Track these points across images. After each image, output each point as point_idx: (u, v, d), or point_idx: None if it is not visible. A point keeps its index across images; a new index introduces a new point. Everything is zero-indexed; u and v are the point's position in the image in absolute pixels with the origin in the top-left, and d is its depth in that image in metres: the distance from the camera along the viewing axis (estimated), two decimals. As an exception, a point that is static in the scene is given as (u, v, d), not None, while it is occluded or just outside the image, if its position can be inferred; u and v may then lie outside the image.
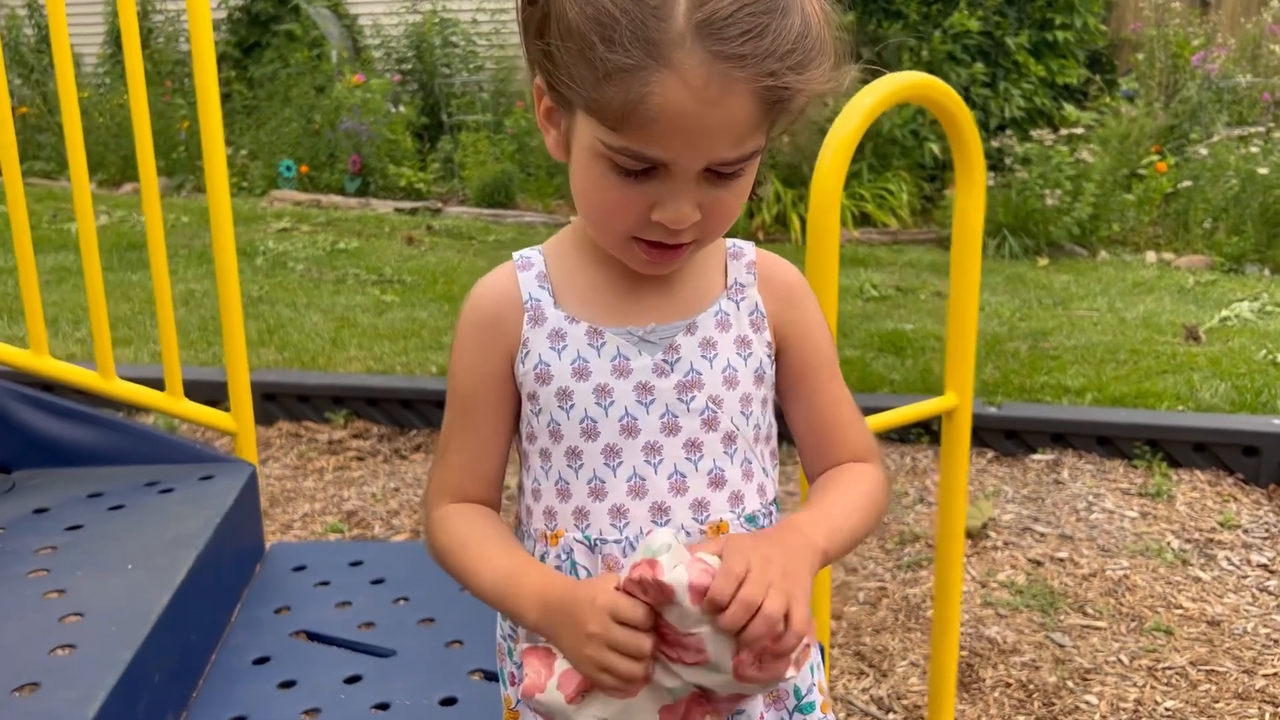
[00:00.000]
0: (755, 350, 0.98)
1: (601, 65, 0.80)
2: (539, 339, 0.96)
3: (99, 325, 1.75)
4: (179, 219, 6.78)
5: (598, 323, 0.96)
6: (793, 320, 1.01)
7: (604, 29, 0.79)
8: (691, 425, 0.95)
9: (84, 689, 1.16)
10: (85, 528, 1.59)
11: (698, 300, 0.98)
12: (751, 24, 0.79)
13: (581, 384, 0.95)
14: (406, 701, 1.41)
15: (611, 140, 0.83)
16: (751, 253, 1.02)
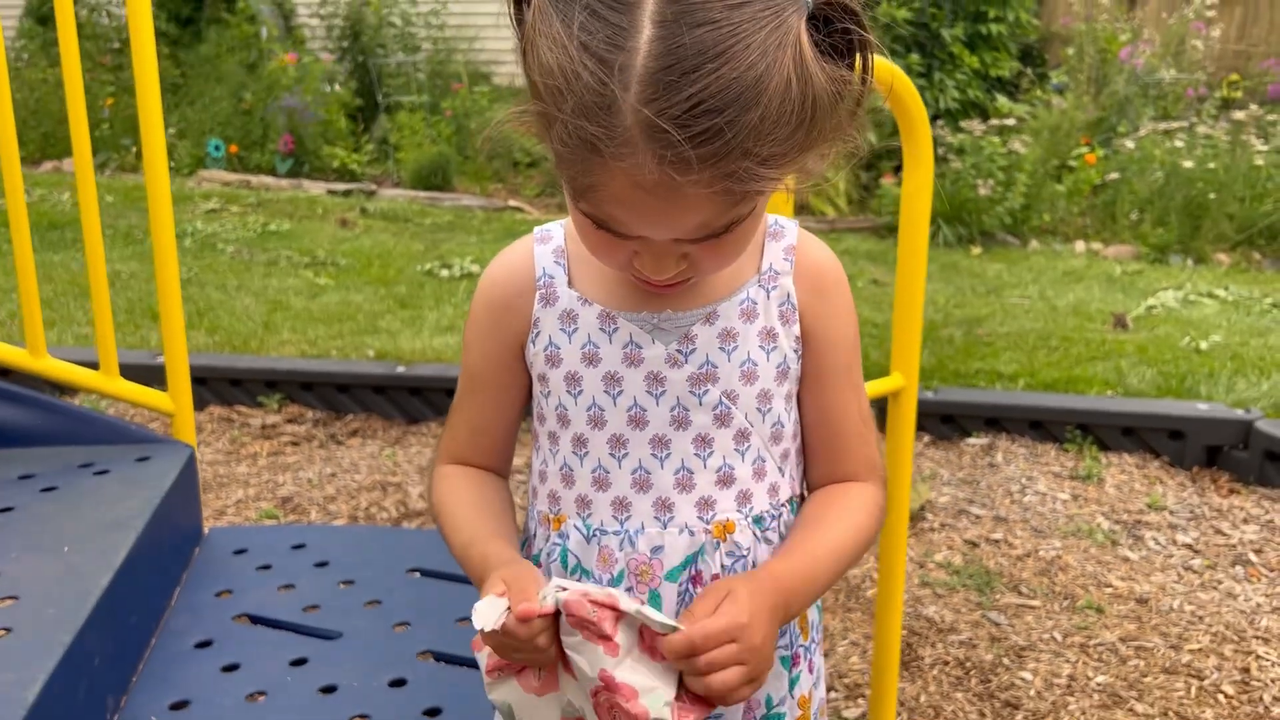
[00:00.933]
0: (781, 344, 0.92)
1: (555, 140, 0.74)
2: (550, 320, 0.92)
3: (29, 299, 1.69)
4: (103, 198, 6.59)
5: (611, 307, 0.90)
6: (820, 315, 0.94)
7: (556, 102, 0.71)
8: (702, 420, 0.91)
9: (22, 672, 1.13)
10: (16, 510, 1.53)
11: (724, 285, 0.91)
12: (706, 125, 0.68)
13: (591, 370, 0.91)
14: (354, 683, 1.39)
15: (580, 205, 0.78)
16: (793, 234, 0.95)
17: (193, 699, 1.37)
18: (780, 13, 0.70)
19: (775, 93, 0.70)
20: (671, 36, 0.68)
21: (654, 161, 0.70)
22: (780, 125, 0.71)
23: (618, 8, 0.69)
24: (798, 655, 0.98)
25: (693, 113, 0.68)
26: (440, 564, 1.69)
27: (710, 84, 0.68)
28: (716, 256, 0.82)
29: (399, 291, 4.83)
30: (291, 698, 1.37)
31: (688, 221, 0.76)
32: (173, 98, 8.21)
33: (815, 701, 1.01)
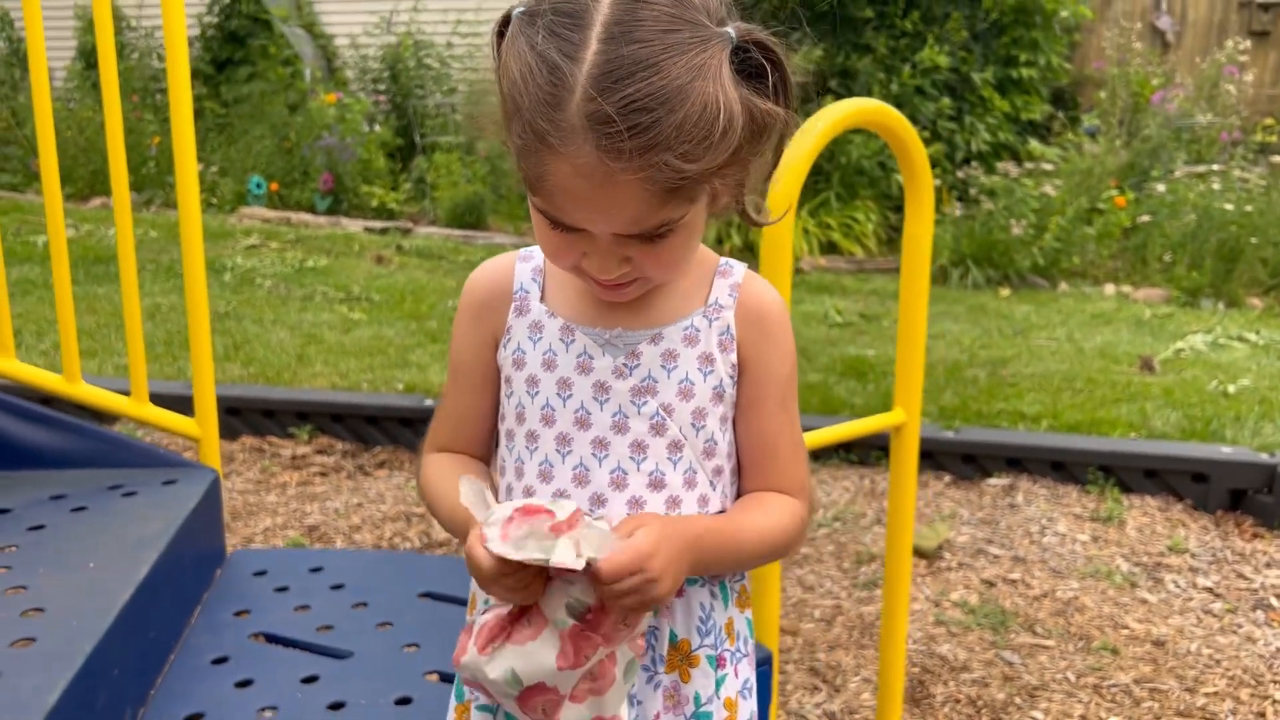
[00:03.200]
0: (718, 369, 1.02)
1: (514, 138, 0.88)
2: (521, 328, 1.04)
3: (66, 327, 1.77)
4: (147, 234, 6.76)
5: (572, 321, 1.02)
6: (758, 346, 1.03)
7: (516, 105, 0.86)
8: (640, 428, 1.00)
9: (43, 679, 1.18)
10: (48, 528, 1.60)
11: (670, 313, 1.02)
12: (636, 121, 0.82)
13: (548, 374, 1.02)
14: (362, 701, 1.44)
15: (533, 199, 0.91)
16: (739, 274, 1.05)
17: (206, 712, 1.42)
18: (706, 41, 0.86)
19: (696, 102, 0.83)
20: (612, 50, 0.83)
21: (592, 150, 0.83)
22: (699, 129, 0.84)
23: (571, 28, 0.84)
24: (723, 657, 1.05)
25: (624, 110, 0.82)
26: (450, 588, 1.73)
27: (641, 88, 0.82)
28: (655, 261, 0.93)
29: (430, 326, 4.92)
30: (301, 713, 1.41)
31: (621, 213, 0.87)
32: (217, 137, 8.43)
33: (744, 712, 1.06)
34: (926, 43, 7.13)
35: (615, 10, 0.84)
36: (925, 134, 6.96)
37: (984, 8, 7.31)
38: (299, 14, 9.32)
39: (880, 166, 6.93)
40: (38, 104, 1.70)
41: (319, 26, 9.44)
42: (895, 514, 1.75)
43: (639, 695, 1.01)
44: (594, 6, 0.85)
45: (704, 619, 1.03)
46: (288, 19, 9.07)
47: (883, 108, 1.56)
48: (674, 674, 1.02)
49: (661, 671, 1.01)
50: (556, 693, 0.91)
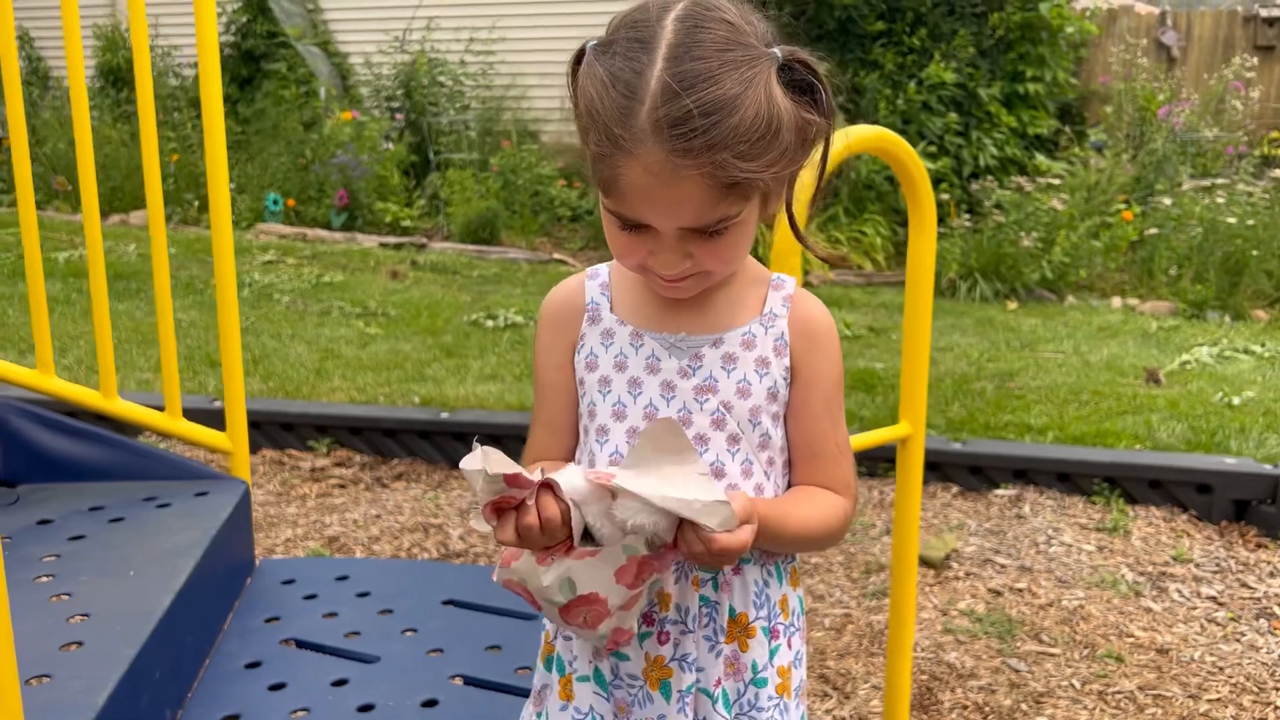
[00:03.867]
0: (773, 371, 1.12)
1: (594, 149, 1.00)
2: (594, 335, 1.15)
3: (103, 347, 1.85)
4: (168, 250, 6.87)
5: (640, 327, 1.13)
6: (809, 354, 1.14)
7: (593, 119, 0.99)
8: (702, 422, 1.10)
9: (93, 680, 1.25)
10: (88, 538, 1.68)
11: (730, 320, 1.13)
12: (699, 124, 0.94)
13: (619, 375, 1.13)
14: (390, 703, 1.50)
15: (606, 202, 1.03)
16: (791, 288, 1.17)
17: (242, 713, 1.48)
18: (756, 60, 0.98)
19: (750, 108, 0.96)
20: (675, 67, 0.96)
21: (661, 151, 0.95)
22: (753, 131, 0.96)
23: (640, 51, 0.97)
24: (777, 630, 1.15)
25: (688, 116, 0.94)
26: (473, 595, 1.80)
27: (702, 96, 0.95)
28: (714, 257, 1.04)
29: (446, 341, 4.99)
30: (332, 715, 1.48)
31: (686, 208, 0.99)
32: (233, 155, 8.54)
33: (795, 679, 1.16)
34: (932, 58, 7.21)
35: (677, 35, 0.97)
36: (933, 149, 7.03)
37: (991, 24, 7.39)
38: (314, 33, 9.44)
39: (888, 181, 7.00)
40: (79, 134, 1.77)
41: (334, 45, 9.56)
42: (901, 524, 1.81)
43: (701, 662, 1.10)
44: (659, 33, 0.97)
45: (759, 594, 1.13)
46: (303, 38, 9.19)
47: (886, 134, 1.63)
48: (733, 644, 1.12)
49: (722, 642, 1.11)
50: (605, 605, 1.01)
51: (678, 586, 1.10)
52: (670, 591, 1.10)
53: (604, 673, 1.11)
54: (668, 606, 1.10)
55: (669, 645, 1.10)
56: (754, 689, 1.12)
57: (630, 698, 1.11)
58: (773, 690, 1.13)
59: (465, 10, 9.08)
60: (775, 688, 1.13)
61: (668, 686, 1.09)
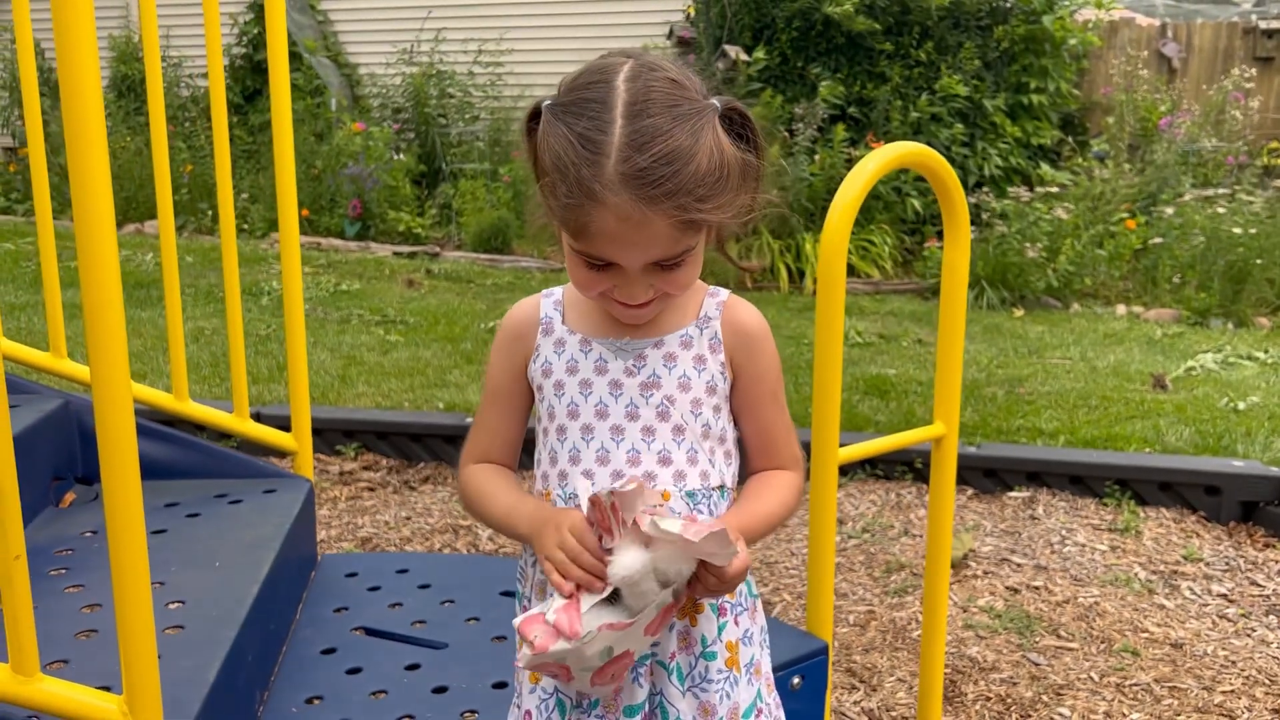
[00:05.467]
0: (709, 367, 1.26)
1: (560, 199, 1.11)
2: (547, 345, 1.28)
3: (176, 353, 1.95)
4: (182, 259, 6.96)
5: (589, 335, 1.27)
6: (745, 354, 1.28)
7: (562, 173, 1.10)
8: (648, 415, 1.24)
9: (200, 659, 1.35)
10: (169, 532, 1.77)
11: (669, 325, 1.26)
12: (662, 173, 1.07)
13: (571, 378, 1.26)
14: (463, 685, 1.60)
15: (574, 245, 1.15)
16: (724, 295, 1.32)
17: (324, 695, 1.58)
18: (701, 112, 1.12)
19: (701, 157, 1.10)
20: (633, 124, 1.09)
21: (631, 199, 1.07)
22: (708, 176, 1.10)
23: (598, 111, 1.09)
24: (724, 607, 1.26)
25: (653, 166, 1.07)
26: (530, 588, 1.89)
27: (661, 149, 1.08)
28: (674, 284, 1.18)
29: (464, 348, 5.09)
30: (409, 695, 1.57)
31: (653, 248, 1.12)
32: (245, 165, 8.65)
33: (745, 655, 1.28)
34: (940, 72, 7.33)
35: (630, 94, 1.10)
36: (939, 159, 7.13)
37: (995, 37, 7.51)
38: (325, 45, 9.55)
39: (894, 191, 7.11)
40: (156, 155, 1.87)
41: (344, 57, 9.67)
42: (935, 519, 1.90)
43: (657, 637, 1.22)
44: (613, 94, 1.10)
45: None
46: (314, 50, 9.30)
47: (925, 150, 1.73)
48: (684, 620, 1.24)
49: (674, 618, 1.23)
50: (632, 658, 1.13)
51: None
52: None
53: None
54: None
55: None
56: (704, 662, 1.24)
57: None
58: (722, 664, 1.24)
59: (473, 22, 9.20)
60: (724, 661, 1.25)
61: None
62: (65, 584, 1.61)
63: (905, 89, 7.39)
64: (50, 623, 1.48)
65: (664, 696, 1.21)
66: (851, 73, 7.47)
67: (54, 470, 1.91)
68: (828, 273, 1.65)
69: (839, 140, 7.00)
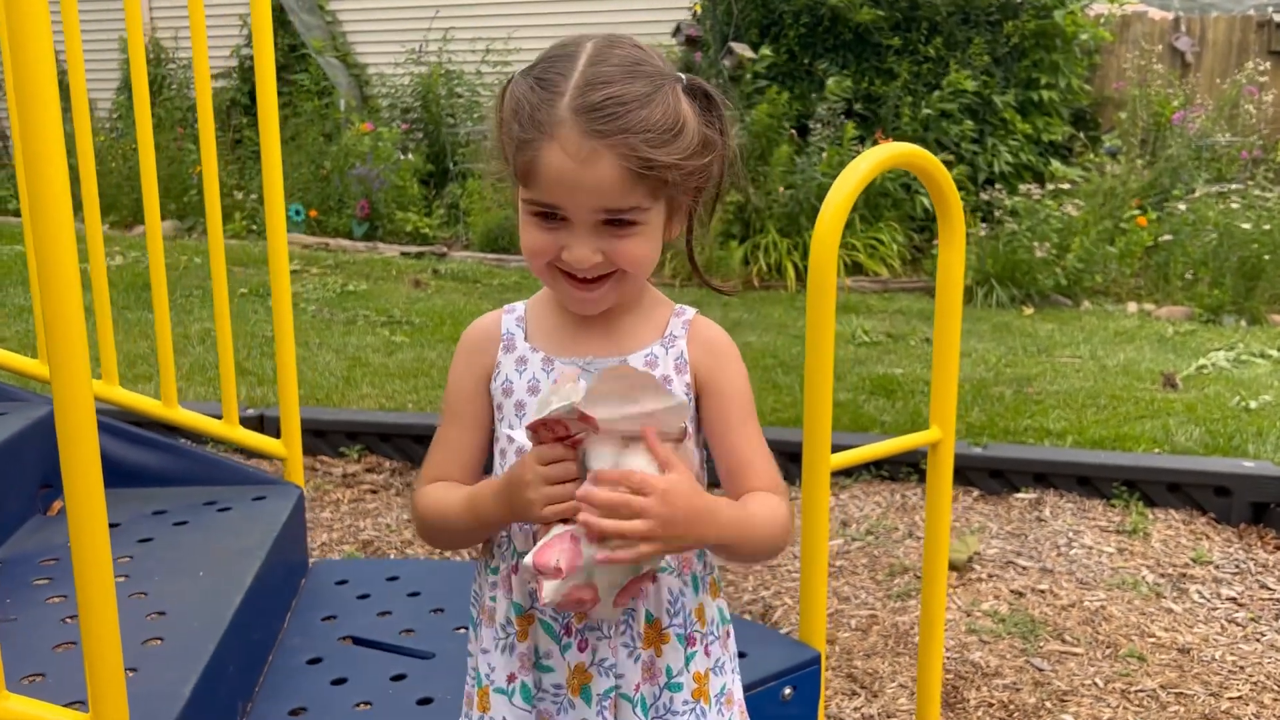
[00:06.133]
0: (675, 387, 1.20)
1: (515, 139, 1.10)
2: (508, 362, 1.23)
3: (164, 359, 1.93)
4: (192, 260, 6.98)
5: (551, 353, 1.22)
6: (712, 373, 1.22)
7: (517, 114, 1.10)
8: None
9: (177, 673, 1.33)
10: (155, 540, 1.76)
11: (633, 343, 1.22)
12: (614, 109, 1.06)
13: (532, 398, 1.20)
14: (448, 696, 1.57)
15: (525, 194, 1.12)
16: (691, 315, 1.26)
17: (309, 706, 1.56)
18: (664, 75, 1.12)
19: (657, 106, 1.09)
20: (593, 69, 1.09)
21: (580, 133, 1.06)
22: (662, 122, 1.09)
23: (561, 62, 1.10)
24: (693, 637, 1.20)
25: (604, 104, 1.06)
26: (520, 595, 1.87)
27: (615, 92, 1.07)
28: (624, 255, 1.13)
29: (470, 349, 5.07)
30: (394, 707, 1.55)
31: (601, 189, 1.08)
32: (255, 165, 8.66)
33: (715, 685, 1.22)
34: (949, 68, 7.28)
35: (595, 50, 1.11)
36: (949, 157, 7.09)
37: (1005, 32, 7.45)
38: (333, 45, 9.56)
39: (903, 189, 7.07)
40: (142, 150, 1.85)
41: (353, 57, 9.68)
42: (932, 526, 1.87)
43: (620, 668, 1.17)
44: (578, 51, 1.11)
45: (673, 602, 1.19)
46: (323, 50, 9.31)
47: (917, 150, 1.70)
48: (650, 649, 1.18)
49: (639, 647, 1.17)
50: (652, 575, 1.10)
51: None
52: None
53: (529, 686, 1.17)
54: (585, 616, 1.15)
55: (588, 652, 1.16)
56: (669, 693, 1.18)
57: (555, 706, 1.16)
58: (688, 695, 1.19)
59: (481, 21, 9.19)
60: (691, 692, 1.19)
61: (588, 691, 1.15)
62: (48, 594, 1.60)
63: (914, 85, 7.34)
64: (30, 634, 1.47)
65: None
66: (859, 69, 7.42)
67: (42, 477, 1.90)
68: (818, 275, 1.63)
69: (848, 138, 6.96)
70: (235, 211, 8.10)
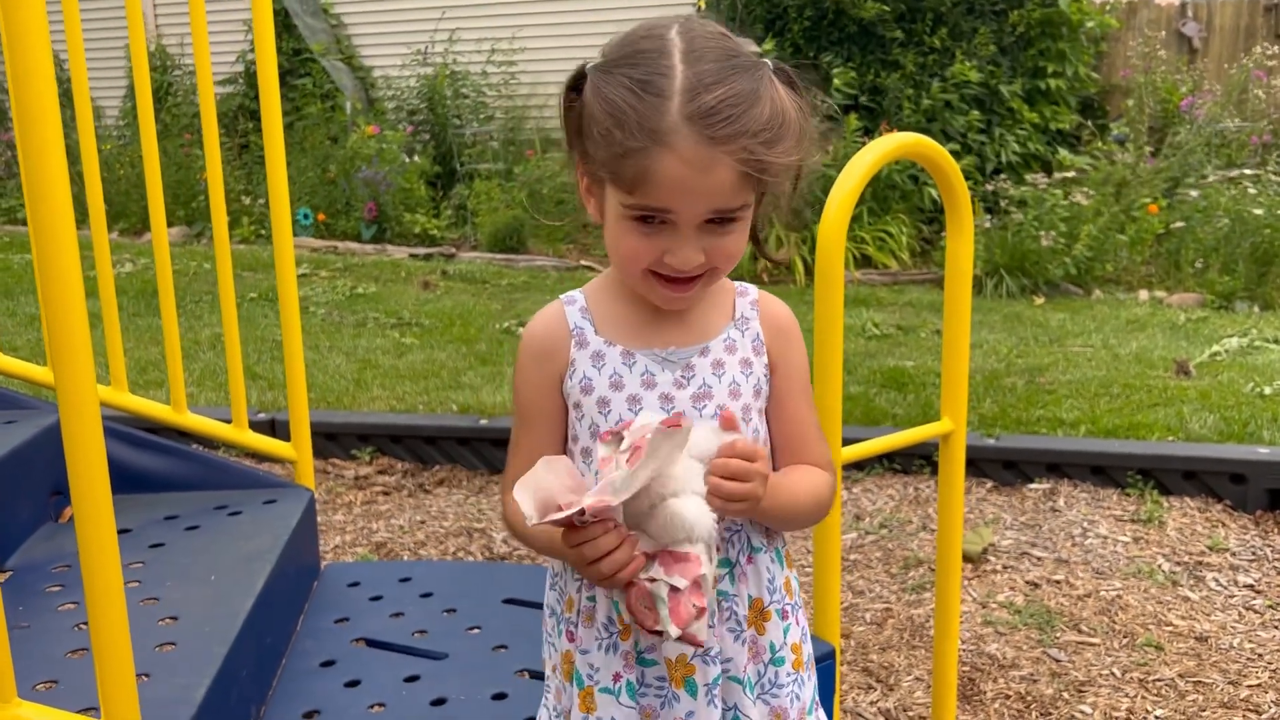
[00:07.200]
0: (755, 370, 1.21)
1: (619, 148, 1.06)
2: (583, 359, 1.19)
3: (173, 365, 1.93)
4: (200, 265, 7.00)
5: (629, 346, 1.19)
6: (782, 351, 1.23)
7: (619, 121, 1.06)
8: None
9: (189, 678, 1.33)
10: (166, 545, 1.76)
11: (710, 329, 1.20)
12: (730, 113, 1.04)
13: (617, 394, 1.17)
14: (461, 697, 1.57)
15: (628, 200, 1.08)
16: (754, 293, 1.26)
17: (322, 709, 1.56)
18: (757, 65, 1.10)
19: (765, 102, 1.07)
20: (695, 67, 1.05)
21: (695, 141, 1.03)
22: (772, 121, 1.07)
23: (655, 59, 1.06)
24: (786, 610, 1.23)
25: (717, 108, 1.04)
26: (531, 594, 1.87)
27: (726, 92, 1.05)
28: (722, 252, 1.12)
29: (479, 349, 5.08)
30: (407, 709, 1.55)
31: (716, 193, 1.06)
32: (261, 170, 8.68)
33: (805, 653, 1.25)
34: (955, 58, 7.25)
35: (685, 43, 1.07)
36: (956, 147, 7.06)
37: (1010, 22, 7.41)
38: (338, 48, 9.57)
39: (912, 180, 7.04)
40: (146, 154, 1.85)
41: (358, 60, 9.68)
42: (945, 519, 1.86)
43: (728, 653, 1.18)
44: (667, 44, 1.07)
45: (770, 580, 1.21)
46: (327, 53, 9.32)
47: (924, 140, 1.69)
48: (752, 629, 1.20)
49: (745, 628, 1.19)
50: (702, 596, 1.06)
51: None
52: None
53: (633, 682, 1.17)
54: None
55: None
56: (773, 668, 1.20)
57: (659, 700, 1.16)
58: (790, 667, 1.21)
59: (486, 22, 9.19)
60: (791, 664, 1.22)
61: (692, 683, 1.15)
62: (60, 601, 1.60)
63: (920, 76, 7.31)
64: (42, 641, 1.47)
65: (738, 709, 1.18)
66: (864, 61, 7.40)
67: (53, 485, 1.90)
68: (825, 268, 1.62)
69: (851, 130, 6.94)
70: (243, 216, 8.11)
